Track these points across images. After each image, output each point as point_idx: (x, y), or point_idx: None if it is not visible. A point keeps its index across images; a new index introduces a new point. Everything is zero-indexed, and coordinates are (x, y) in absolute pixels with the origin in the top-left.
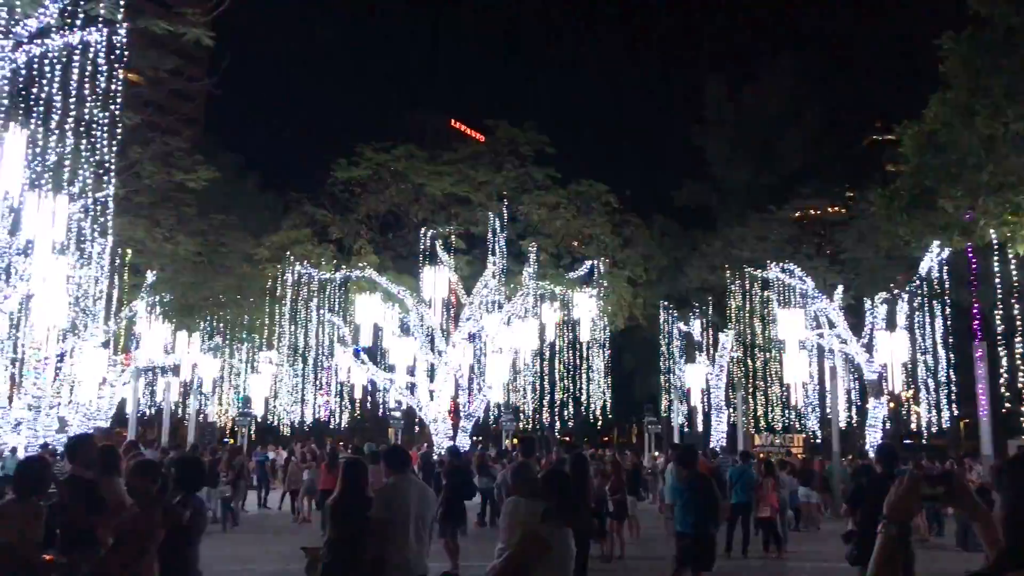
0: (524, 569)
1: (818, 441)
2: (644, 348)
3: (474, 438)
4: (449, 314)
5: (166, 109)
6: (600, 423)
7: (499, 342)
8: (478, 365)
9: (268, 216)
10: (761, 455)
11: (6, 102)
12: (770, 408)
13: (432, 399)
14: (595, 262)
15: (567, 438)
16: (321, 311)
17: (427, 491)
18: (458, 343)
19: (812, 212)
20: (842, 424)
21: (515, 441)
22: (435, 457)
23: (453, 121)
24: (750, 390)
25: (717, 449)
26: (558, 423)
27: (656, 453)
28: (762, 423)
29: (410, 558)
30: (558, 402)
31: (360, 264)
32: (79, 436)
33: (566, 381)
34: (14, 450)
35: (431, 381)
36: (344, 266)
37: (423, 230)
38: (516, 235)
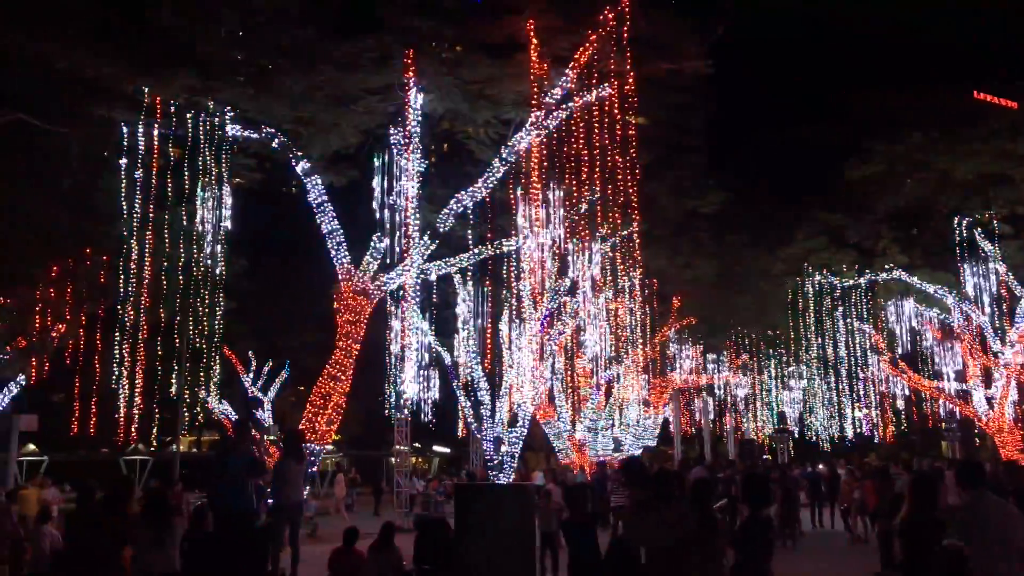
0: None
1: None
2: None
3: None
4: (1001, 309)
5: (671, 141)
6: None
7: None
8: None
9: (781, 229)
10: None
11: (546, 163)
12: None
13: (992, 407)
14: None
15: None
16: (848, 319)
17: (1011, 510)
18: (1015, 342)
19: None
20: None
21: None
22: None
23: (976, 92)
24: None
25: None
26: None
27: None
28: None
29: None
30: None
31: (886, 265)
32: (629, 460)
33: None
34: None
35: (987, 387)
36: (868, 270)
37: (956, 219)
38: None
